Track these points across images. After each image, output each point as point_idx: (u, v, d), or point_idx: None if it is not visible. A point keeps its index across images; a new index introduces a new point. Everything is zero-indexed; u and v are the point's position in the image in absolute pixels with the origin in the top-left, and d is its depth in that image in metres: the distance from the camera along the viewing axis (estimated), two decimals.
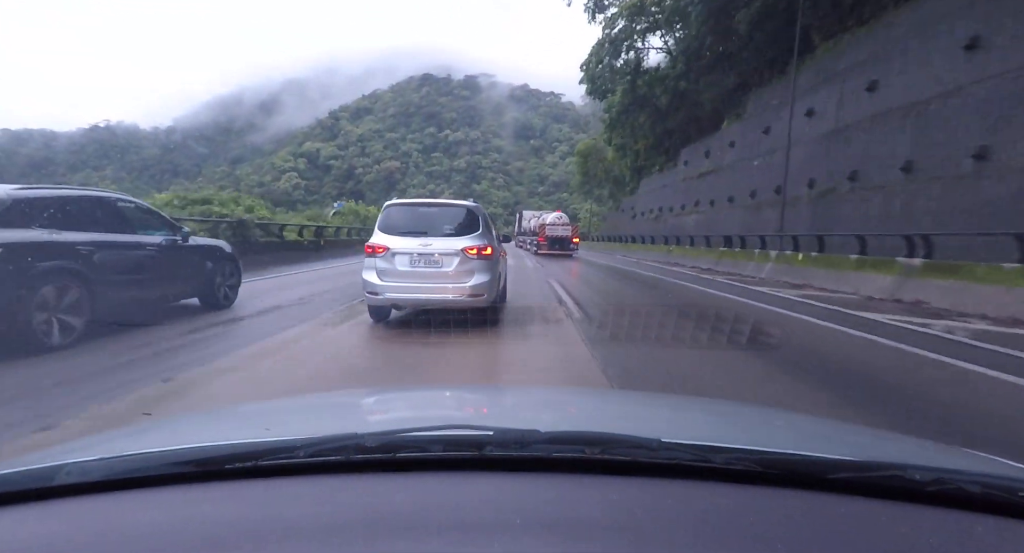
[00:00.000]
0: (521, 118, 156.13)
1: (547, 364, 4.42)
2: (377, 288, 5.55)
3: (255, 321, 6.21)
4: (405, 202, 6.12)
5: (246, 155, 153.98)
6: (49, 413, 3.06)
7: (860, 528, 0.64)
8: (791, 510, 0.67)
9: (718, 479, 0.73)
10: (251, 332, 5.59)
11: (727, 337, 5.78)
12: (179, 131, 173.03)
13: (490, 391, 1.99)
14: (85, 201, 5.21)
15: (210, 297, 6.72)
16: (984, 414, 3.43)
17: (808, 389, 3.91)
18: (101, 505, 0.68)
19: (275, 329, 5.64)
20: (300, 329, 5.66)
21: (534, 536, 0.58)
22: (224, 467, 0.73)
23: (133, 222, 5.70)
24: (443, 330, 5.63)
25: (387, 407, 1.35)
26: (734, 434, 1.08)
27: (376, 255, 5.60)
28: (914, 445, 1.15)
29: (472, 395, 1.62)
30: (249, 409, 1.48)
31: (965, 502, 0.69)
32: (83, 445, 0.90)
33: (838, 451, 0.88)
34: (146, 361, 4.28)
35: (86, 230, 4.97)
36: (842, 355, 5.08)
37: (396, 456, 0.74)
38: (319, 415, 1.22)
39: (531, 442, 0.76)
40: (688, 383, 3.96)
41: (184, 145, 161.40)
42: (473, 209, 6.03)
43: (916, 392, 3.87)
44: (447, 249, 5.58)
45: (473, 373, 4.17)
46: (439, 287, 5.56)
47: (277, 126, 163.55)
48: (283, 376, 3.98)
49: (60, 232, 4.67)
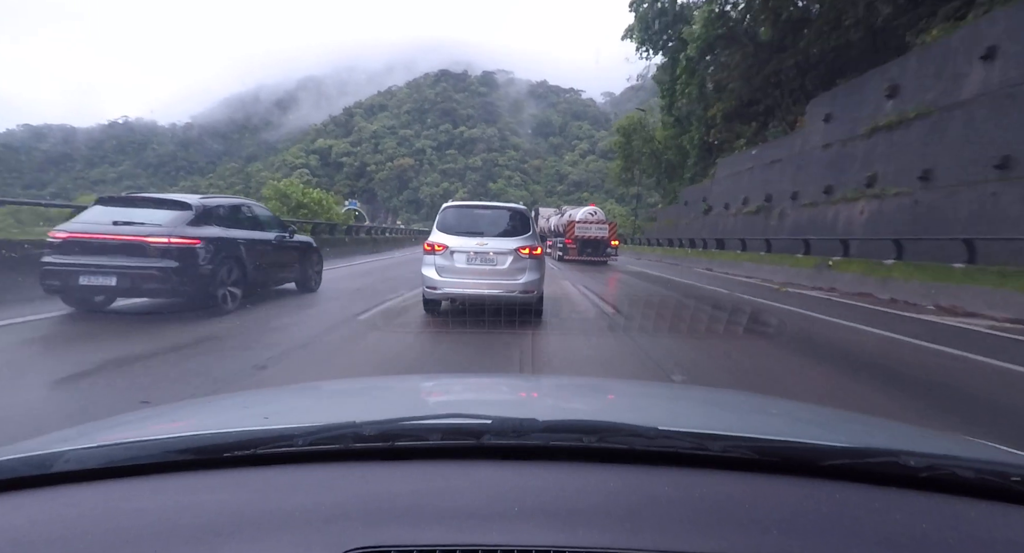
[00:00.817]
0: (539, 115, 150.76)
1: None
2: (436, 283, 5.98)
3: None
4: (462, 204, 6.62)
5: (261, 153, 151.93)
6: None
7: (855, 514, 0.64)
8: (787, 497, 0.68)
9: (715, 467, 0.73)
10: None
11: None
12: (196, 128, 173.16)
13: (489, 380, 1.96)
14: (237, 206, 7.03)
15: (304, 282, 8.28)
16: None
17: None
18: (100, 493, 0.67)
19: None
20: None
21: (532, 524, 0.59)
22: (223, 455, 0.73)
23: (262, 222, 7.40)
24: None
25: (386, 396, 1.33)
26: (730, 422, 1.09)
27: (436, 253, 6.00)
28: (909, 432, 1.18)
29: (471, 384, 1.63)
30: (248, 398, 1.43)
31: (959, 488, 0.69)
32: (82, 432, 0.88)
33: (833, 438, 0.90)
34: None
35: (239, 228, 6.65)
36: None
37: (394, 445, 0.74)
38: (318, 404, 1.22)
39: (529, 431, 0.75)
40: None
41: (199, 142, 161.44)
42: (523, 212, 6.50)
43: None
44: (502, 248, 5.99)
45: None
46: (494, 283, 5.98)
47: (292, 123, 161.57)
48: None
49: (227, 229, 6.33)
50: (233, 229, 6.39)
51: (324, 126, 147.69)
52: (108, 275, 5.24)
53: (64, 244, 5.35)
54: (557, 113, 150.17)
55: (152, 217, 5.67)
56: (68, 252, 5.32)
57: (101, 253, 5.32)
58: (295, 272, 7.94)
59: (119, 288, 5.41)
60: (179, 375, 3.64)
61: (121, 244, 5.35)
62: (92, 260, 5.27)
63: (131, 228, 5.45)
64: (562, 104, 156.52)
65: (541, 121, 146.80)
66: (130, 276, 5.29)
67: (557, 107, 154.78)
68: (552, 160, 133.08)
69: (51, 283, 5.38)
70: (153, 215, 5.72)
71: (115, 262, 5.28)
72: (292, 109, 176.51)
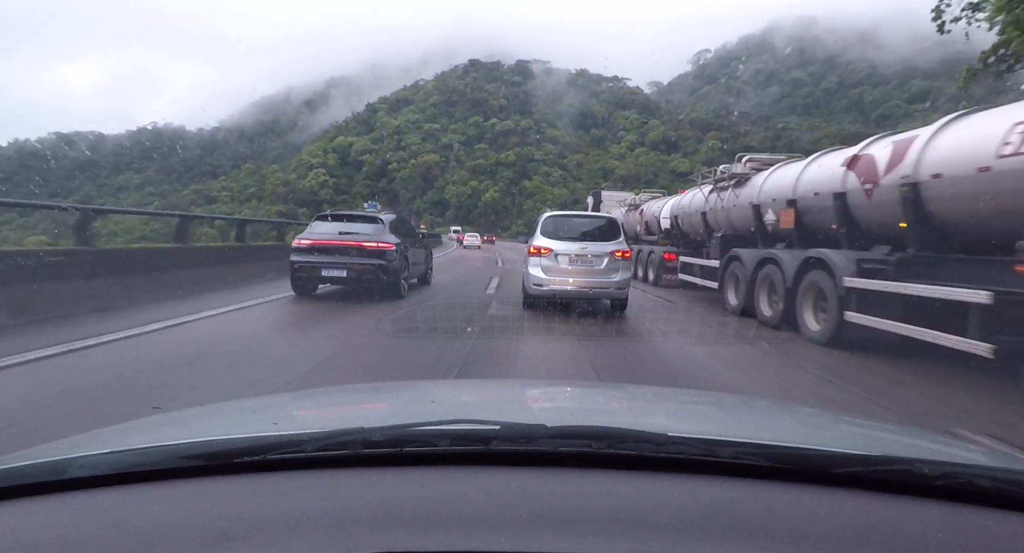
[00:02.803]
0: (580, 105, 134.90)
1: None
2: (542, 281, 7.04)
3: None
4: (561, 214, 8.22)
5: (286, 154, 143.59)
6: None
7: (868, 523, 0.63)
8: (798, 505, 0.67)
9: (725, 473, 0.72)
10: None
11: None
12: (223, 131, 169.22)
13: (498, 385, 2.08)
14: (400, 218, 10.03)
15: (424, 278, 10.55)
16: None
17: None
18: (112, 498, 0.69)
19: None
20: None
21: (540, 530, 0.58)
22: (233, 461, 0.73)
23: (409, 229, 10.01)
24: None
25: (394, 401, 1.35)
26: (741, 428, 1.09)
27: (541, 255, 7.11)
28: (923, 438, 1.15)
29: (479, 389, 1.65)
30: (257, 403, 1.43)
31: (975, 497, 0.68)
32: (94, 438, 0.91)
33: (846, 445, 0.88)
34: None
35: (403, 235, 8.76)
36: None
37: (403, 450, 0.75)
38: (326, 409, 1.25)
39: (537, 437, 0.76)
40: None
41: (225, 145, 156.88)
42: (615, 219, 7.82)
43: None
44: (599, 251, 7.06)
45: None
46: (592, 282, 7.05)
47: (319, 124, 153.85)
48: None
49: (401, 236, 8.49)
50: (403, 236, 8.58)
51: (346, 123, 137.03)
52: (341, 269, 7.71)
53: (310, 248, 7.82)
54: (600, 103, 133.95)
55: (362, 229, 8.14)
56: (312, 253, 7.79)
57: (335, 254, 7.77)
58: (421, 269, 10.02)
59: (348, 279, 7.82)
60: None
61: (347, 247, 7.81)
62: (330, 259, 7.74)
63: (351, 236, 7.95)
64: (605, 93, 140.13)
65: (582, 111, 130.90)
66: (356, 270, 7.71)
67: (599, 96, 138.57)
68: (595, 154, 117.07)
69: (300, 275, 7.89)
70: (363, 227, 8.19)
71: (345, 260, 7.73)
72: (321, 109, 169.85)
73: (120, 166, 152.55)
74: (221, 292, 8.08)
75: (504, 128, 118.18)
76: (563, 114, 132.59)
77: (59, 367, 3.98)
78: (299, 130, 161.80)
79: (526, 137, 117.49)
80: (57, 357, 4.16)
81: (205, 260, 9.06)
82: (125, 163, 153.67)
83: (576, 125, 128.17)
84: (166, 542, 0.57)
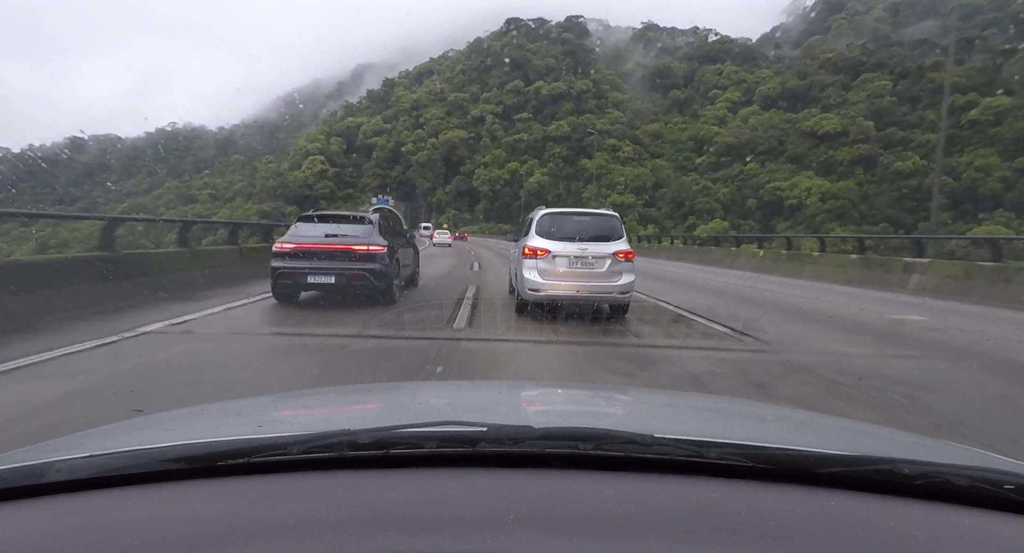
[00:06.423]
0: (651, 64, 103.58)
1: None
2: (539, 285, 6.38)
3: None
4: (558, 211, 7.06)
5: None
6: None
7: (850, 522, 0.64)
8: (782, 505, 0.68)
9: (710, 474, 0.73)
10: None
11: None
12: (243, 127, 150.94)
13: (484, 387, 2.01)
14: (387, 215, 8.58)
15: (412, 279, 9.50)
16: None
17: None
18: (91, 502, 0.67)
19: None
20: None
21: (528, 532, 0.58)
22: (216, 464, 0.72)
23: (397, 227, 9.13)
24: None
25: (380, 403, 1.33)
26: (726, 429, 1.09)
27: (537, 257, 6.45)
28: (903, 439, 1.17)
29: (466, 391, 1.62)
30: (241, 405, 1.36)
31: (953, 495, 0.70)
32: (73, 441, 0.88)
33: (829, 445, 0.89)
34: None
35: (392, 234, 7.99)
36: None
37: (389, 452, 0.74)
38: (312, 411, 1.23)
39: (524, 438, 0.76)
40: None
41: (242, 142, 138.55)
42: (616, 217, 7.04)
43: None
44: (600, 253, 6.43)
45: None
46: (593, 285, 6.45)
47: None
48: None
49: (390, 237, 7.72)
50: (392, 236, 7.85)
51: (359, 103, 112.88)
52: (328, 275, 6.87)
53: (294, 252, 6.95)
54: (676, 60, 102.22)
55: (350, 230, 7.29)
56: (296, 258, 6.94)
57: (322, 259, 6.94)
58: (410, 270, 9.10)
59: (337, 285, 6.95)
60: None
61: (334, 251, 6.96)
62: (316, 264, 6.90)
63: (339, 239, 7.10)
64: (682, 49, 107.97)
65: (654, 71, 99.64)
66: (346, 276, 6.89)
67: (676, 53, 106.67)
68: (679, 121, 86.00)
69: (284, 281, 6.98)
70: (350, 229, 7.33)
71: (333, 265, 6.90)
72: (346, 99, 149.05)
73: (132, 170, 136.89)
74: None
75: (554, 92, 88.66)
76: (629, 75, 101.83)
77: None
78: (319, 121, 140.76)
79: (582, 102, 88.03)
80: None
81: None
82: (137, 167, 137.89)
83: (649, 86, 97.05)
84: (148, 547, 0.56)
